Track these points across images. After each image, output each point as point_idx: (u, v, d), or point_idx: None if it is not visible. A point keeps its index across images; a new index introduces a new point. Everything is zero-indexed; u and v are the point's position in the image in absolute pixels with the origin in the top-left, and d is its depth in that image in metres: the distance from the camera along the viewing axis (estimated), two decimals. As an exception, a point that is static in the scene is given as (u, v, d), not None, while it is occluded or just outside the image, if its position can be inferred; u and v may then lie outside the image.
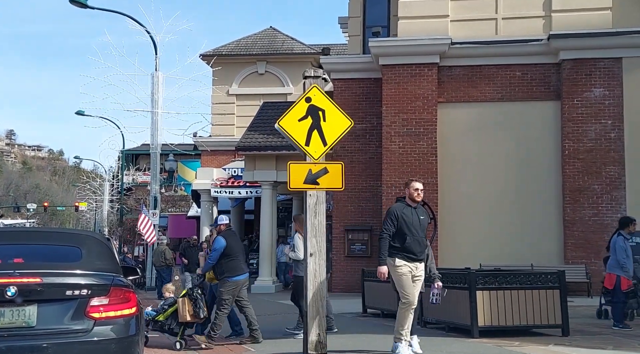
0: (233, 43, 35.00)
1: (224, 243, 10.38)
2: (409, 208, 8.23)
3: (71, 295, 5.76)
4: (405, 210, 8.19)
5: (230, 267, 10.34)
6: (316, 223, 7.88)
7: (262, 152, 21.47)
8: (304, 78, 8.15)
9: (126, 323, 5.92)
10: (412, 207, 8.25)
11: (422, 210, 8.39)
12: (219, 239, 10.51)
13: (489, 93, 18.94)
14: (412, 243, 8.07)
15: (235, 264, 10.40)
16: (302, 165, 7.89)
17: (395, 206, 8.29)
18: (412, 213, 8.19)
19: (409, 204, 8.27)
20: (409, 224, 8.08)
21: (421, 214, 8.30)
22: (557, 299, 10.15)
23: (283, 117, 7.94)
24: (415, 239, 8.09)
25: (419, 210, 8.33)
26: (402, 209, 8.19)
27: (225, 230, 10.82)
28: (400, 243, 8.07)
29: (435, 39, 18.77)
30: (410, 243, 8.06)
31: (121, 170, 44.99)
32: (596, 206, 17.94)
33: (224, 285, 10.34)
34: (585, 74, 18.27)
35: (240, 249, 10.78)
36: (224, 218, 11.06)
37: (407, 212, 8.17)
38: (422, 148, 18.78)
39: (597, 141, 18.12)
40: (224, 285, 10.34)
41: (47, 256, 6.31)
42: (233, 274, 10.34)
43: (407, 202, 8.29)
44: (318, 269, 7.85)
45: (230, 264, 10.34)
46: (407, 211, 8.18)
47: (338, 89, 20.72)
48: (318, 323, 7.77)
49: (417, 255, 8.12)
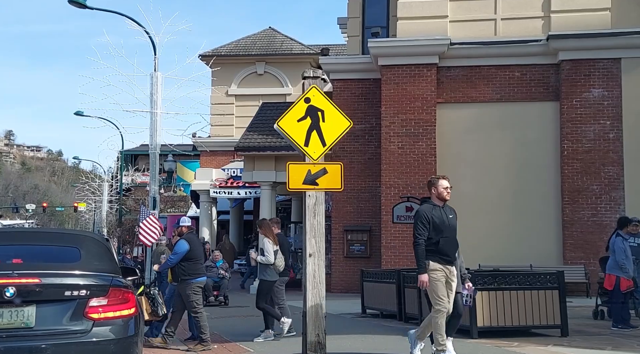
0: (232, 43, 35.01)
1: (187, 247, 10.38)
2: (437, 208, 7.90)
3: (70, 295, 5.75)
4: (434, 211, 7.85)
5: (192, 269, 10.39)
6: (315, 224, 7.86)
7: (261, 152, 21.47)
8: (303, 79, 8.15)
9: (125, 323, 5.92)
10: (439, 207, 7.92)
11: (449, 208, 8.04)
12: (182, 243, 10.48)
13: (488, 93, 18.94)
14: (446, 245, 7.78)
15: (197, 266, 10.46)
16: (301, 166, 7.88)
17: (424, 209, 7.93)
18: (441, 213, 7.88)
19: (437, 204, 7.94)
20: (440, 225, 7.78)
21: (449, 213, 7.98)
22: (556, 299, 10.15)
23: (282, 118, 7.93)
24: (448, 240, 7.81)
25: (447, 208, 7.99)
26: (432, 211, 7.86)
27: (188, 232, 10.80)
28: (434, 245, 7.76)
29: (434, 39, 18.76)
30: (444, 244, 7.76)
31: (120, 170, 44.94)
32: (595, 206, 17.94)
33: (189, 287, 10.36)
34: (584, 75, 18.27)
35: (201, 253, 10.83)
36: (186, 220, 11.01)
37: (436, 213, 7.85)
38: (421, 148, 18.77)
39: (595, 141, 18.12)
40: (189, 287, 10.36)
41: (46, 256, 6.31)
42: (194, 276, 10.40)
43: (435, 202, 7.96)
44: (317, 270, 7.83)
45: (192, 266, 10.39)
46: (437, 212, 7.86)
47: (337, 90, 20.72)
48: (317, 324, 7.75)
49: (450, 257, 7.85)
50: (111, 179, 51.86)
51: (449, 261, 7.84)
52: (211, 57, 31.06)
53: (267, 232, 10.93)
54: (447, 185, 7.96)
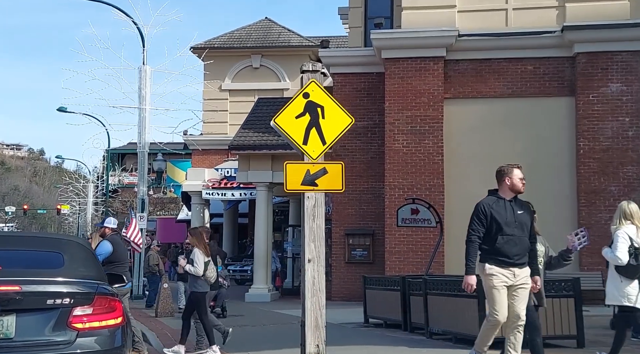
0: (226, 35, 35.03)
1: (110, 248, 10.29)
2: (501, 201, 7.43)
3: (52, 304, 5.74)
4: (496, 205, 7.39)
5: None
6: (314, 227, 7.85)
7: (256, 151, 21.46)
8: (302, 73, 8.13)
9: (111, 334, 5.91)
10: (506, 200, 7.44)
11: (521, 202, 7.51)
12: (105, 243, 10.38)
13: (498, 88, 18.94)
14: (507, 244, 7.27)
15: (121, 271, 10.23)
16: (299, 165, 7.87)
17: (483, 202, 7.50)
18: (506, 207, 7.38)
19: (502, 197, 7.49)
20: (501, 221, 7.29)
21: (519, 208, 7.43)
22: (571, 308, 10.16)
23: (279, 114, 7.92)
24: (509, 239, 7.29)
25: (517, 203, 7.47)
26: (493, 204, 7.41)
27: (111, 234, 10.73)
28: (490, 244, 7.32)
29: (441, 30, 18.76)
30: (503, 243, 7.26)
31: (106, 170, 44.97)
32: (613, 209, 17.76)
33: None
34: (601, 68, 18.27)
35: (125, 257, 10.78)
36: (111, 221, 10.94)
37: (499, 207, 7.37)
38: (427, 147, 18.78)
39: (614, 139, 18.12)
40: None
41: (27, 262, 6.30)
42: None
43: (502, 194, 7.51)
44: (317, 276, 7.81)
45: (115, 270, 10.26)
46: (500, 206, 7.38)
47: (338, 84, 20.72)
48: (317, 334, 7.74)
49: (513, 258, 7.29)
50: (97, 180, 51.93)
51: (513, 263, 7.29)
52: (203, 49, 31.08)
53: (199, 242, 10.89)
54: (522, 176, 7.53)
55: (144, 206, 23.67)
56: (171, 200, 48.51)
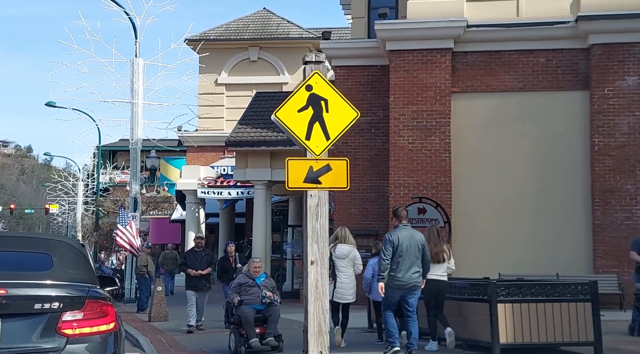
0: (222, 26, 34.98)
1: None
2: None
3: (40, 308, 5.69)
4: None
5: None
6: (318, 227, 7.78)
7: (254, 147, 21.41)
8: (304, 64, 8.05)
9: (103, 340, 5.87)
10: None
11: None
12: None
13: (508, 82, 18.89)
14: None
15: None
16: (302, 162, 7.79)
17: None
18: None
19: None
20: None
21: None
22: (588, 313, 10.09)
23: (280, 108, 7.84)
24: None
25: None
26: None
27: None
28: None
29: (449, 21, 18.71)
30: None
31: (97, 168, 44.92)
32: (629, 208, 17.88)
33: None
34: (617, 61, 18.22)
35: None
36: None
37: None
38: (434, 143, 18.72)
39: (630, 135, 18.06)
40: None
41: (13, 264, 6.27)
42: None
43: None
44: (320, 279, 7.74)
45: None
46: None
47: (340, 78, 20.67)
48: (320, 340, 7.67)
49: None
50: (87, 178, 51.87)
51: None
52: (199, 41, 31.00)
53: None
54: None
55: (136, 206, 23.60)
56: (165, 199, 48.48)
